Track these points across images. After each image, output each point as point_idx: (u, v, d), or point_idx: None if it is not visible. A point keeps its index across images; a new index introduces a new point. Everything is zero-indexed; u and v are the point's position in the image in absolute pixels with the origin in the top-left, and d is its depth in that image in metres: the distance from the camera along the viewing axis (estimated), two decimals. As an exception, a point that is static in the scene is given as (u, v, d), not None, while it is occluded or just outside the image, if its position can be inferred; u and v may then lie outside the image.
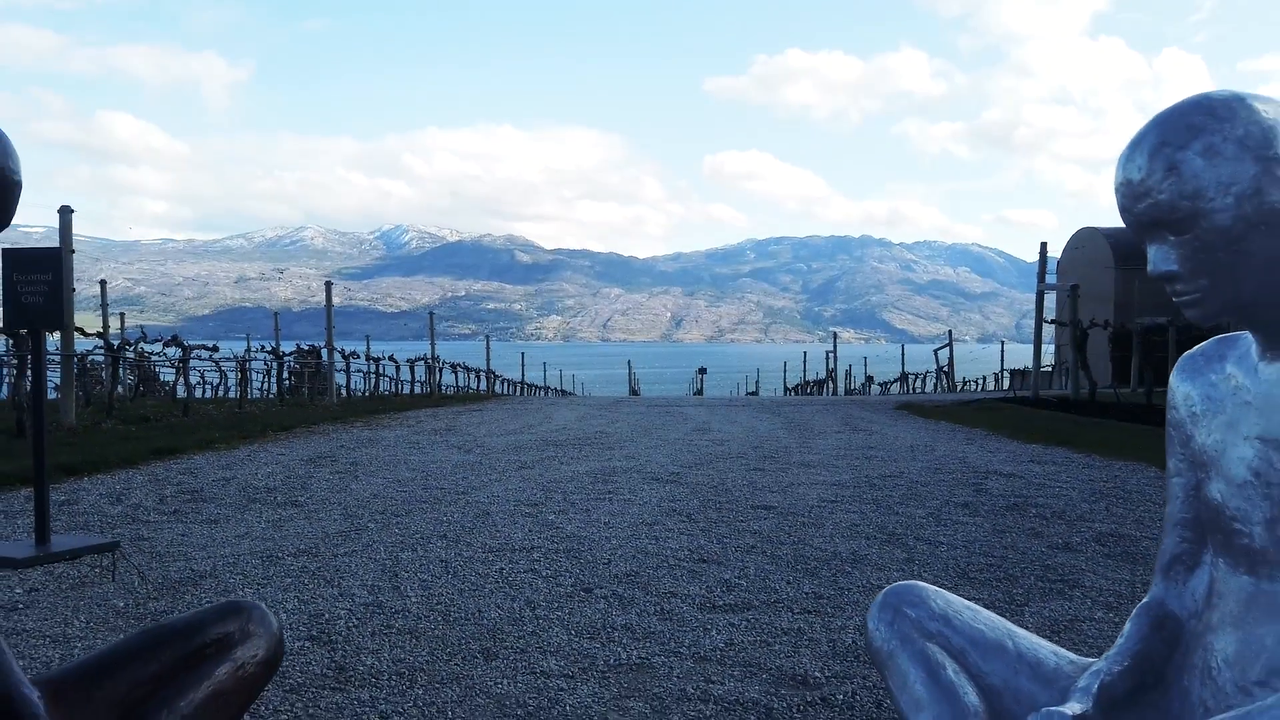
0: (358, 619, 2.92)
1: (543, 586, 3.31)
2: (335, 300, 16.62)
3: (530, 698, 2.29)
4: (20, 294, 3.82)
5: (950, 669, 1.77)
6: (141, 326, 16.84)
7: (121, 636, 2.44)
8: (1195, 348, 1.70)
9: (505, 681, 2.39)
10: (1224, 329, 1.63)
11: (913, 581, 1.91)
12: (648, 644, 2.69)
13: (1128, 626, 1.68)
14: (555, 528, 4.34)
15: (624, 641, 2.71)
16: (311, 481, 5.80)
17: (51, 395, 10.52)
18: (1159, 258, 1.44)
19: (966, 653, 1.80)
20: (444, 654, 2.60)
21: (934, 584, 3.12)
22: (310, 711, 2.19)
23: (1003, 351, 31.49)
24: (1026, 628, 2.78)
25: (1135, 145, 1.43)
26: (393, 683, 2.38)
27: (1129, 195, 1.43)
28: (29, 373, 10.34)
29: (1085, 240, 31.22)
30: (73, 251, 9.73)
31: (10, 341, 10.54)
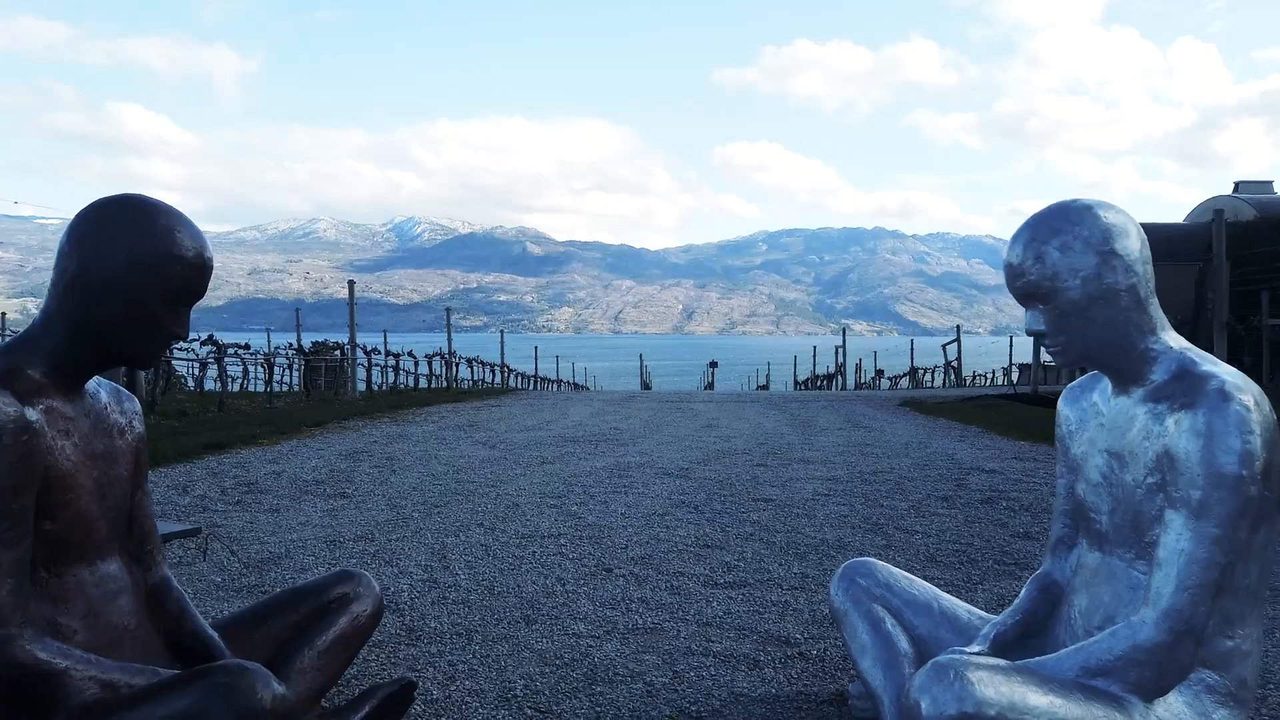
0: (418, 592, 3.49)
1: (570, 567, 3.87)
2: (346, 292, 17.22)
3: (565, 652, 2.85)
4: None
5: (889, 623, 2.35)
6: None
7: (256, 599, 3.04)
8: (1076, 380, 2.27)
9: (544, 640, 2.96)
10: (1086, 370, 2.17)
11: (866, 558, 2.49)
12: (659, 612, 3.25)
13: (1022, 591, 2.26)
14: (578, 517, 4.91)
15: (640, 610, 3.27)
16: (355, 475, 6.39)
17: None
18: (1031, 320, 2.01)
19: (902, 611, 2.37)
20: (492, 619, 3.17)
21: (905, 566, 3.72)
22: (393, 660, 2.77)
23: (1011, 345, 31.81)
24: (978, 603, 3.35)
25: (1015, 238, 2.00)
26: (454, 640, 2.95)
27: (1009, 274, 2.00)
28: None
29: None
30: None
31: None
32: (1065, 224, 1.93)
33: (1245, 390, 1.77)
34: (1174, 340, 1.95)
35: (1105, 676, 1.80)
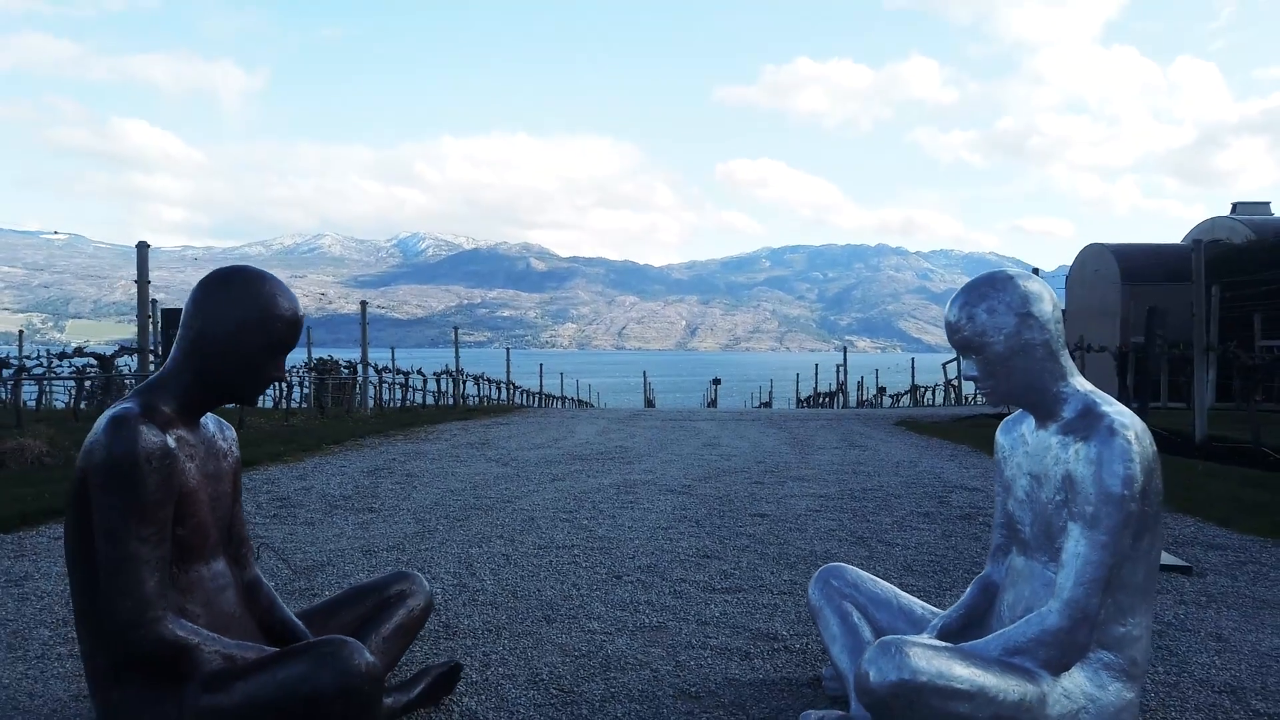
0: (450, 595, 3.94)
1: (584, 574, 4.32)
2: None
3: (582, 645, 3.29)
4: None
5: (855, 616, 2.80)
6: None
7: (309, 601, 3.48)
8: (1011, 415, 2.73)
9: (564, 636, 3.41)
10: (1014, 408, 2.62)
11: (839, 563, 2.94)
12: (664, 613, 3.69)
13: (967, 590, 2.71)
14: (589, 530, 5.36)
15: (646, 611, 3.71)
16: (379, 491, 6.84)
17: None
18: (967, 367, 2.47)
19: (866, 607, 2.83)
20: (518, 618, 3.62)
21: (883, 575, 4.17)
22: (435, 652, 3.22)
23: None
24: (946, 607, 3.78)
25: (953, 302, 2.47)
26: (486, 636, 3.40)
27: (949, 330, 2.46)
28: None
29: (1093, 257, 31.97)
30: (149, 283, 10.85)
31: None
32: (992, 291, 2.41)
33: (1130, 427, 2.24)
34: (1081, 384, 2.41)
35: (1021, 655, 2.26)
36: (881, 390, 36.11)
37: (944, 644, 2.27)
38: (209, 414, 2.52)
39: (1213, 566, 4.58)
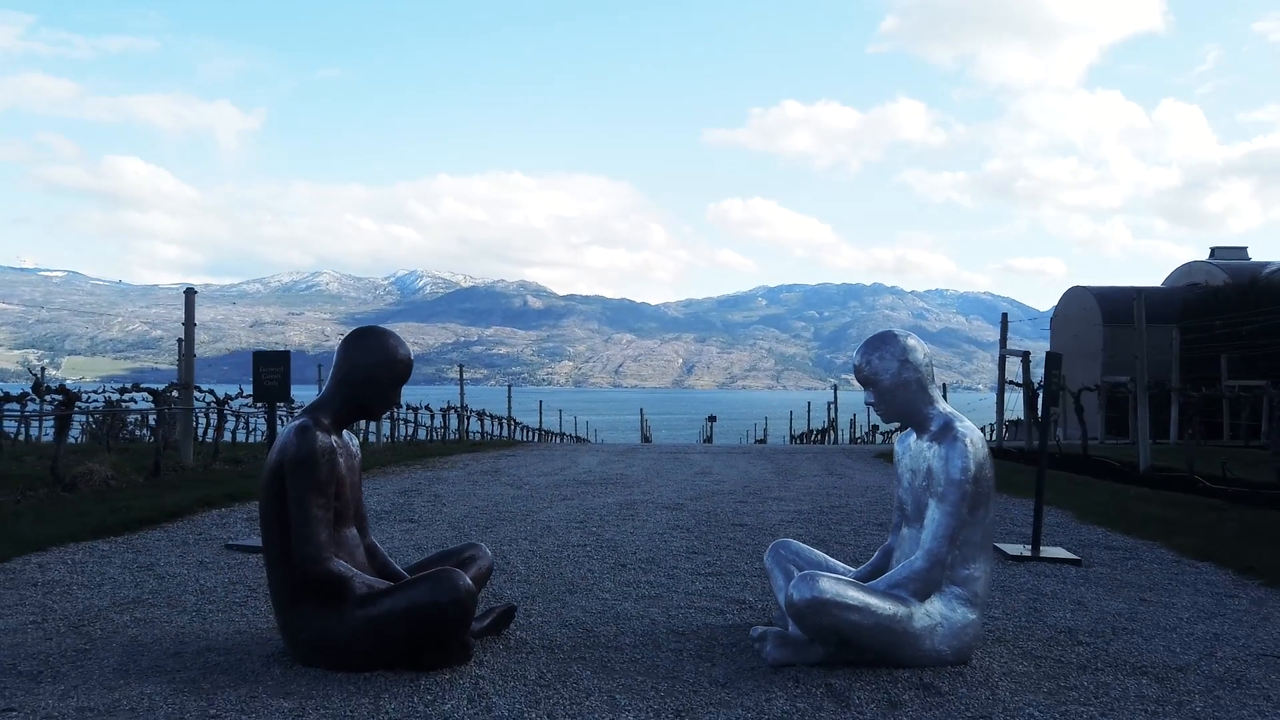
0: (494, 576, 5.03)
1: (596, 564, 5.42)
2: None
3: (598, 606, 4.39)
4: (264, 380, 6.00)
5: (796, 574, 3.88)
6: (241, 386, 19.02)
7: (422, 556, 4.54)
8: (903, 432, 3.84)
9: (584, 601, 4.50)
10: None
11: (786, 539, 4.05)
12: (659, 588, 4.79)
13: (874, 555, 3.82)
14: (598, 534, 6.45)
15: (646, 587, 4.81)
16: (414, 507, 7.93)
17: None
18: (866, 396, 3.61)
19: (804, 568, 3.92)
20: (547, 591, 4.71)
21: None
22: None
23: (999, 401, 33.18)
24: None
25: (857, 351, 3.63)
26: (525, 601, 4.50)
27: (855, 370, 3.62)
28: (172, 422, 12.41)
29: (1076, 299, 33.23)
30: (195, 325, 11.98)
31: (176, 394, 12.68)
32: (882, 344, 3.56)
33: (969, 435, 3.38)
34: (944, 408, 3.56)
35: (898, 587, 3.38)
36: (874, 429, 37.15)
37: (845, 577, 3.40)
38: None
39: (1100, 560, 5.69)
